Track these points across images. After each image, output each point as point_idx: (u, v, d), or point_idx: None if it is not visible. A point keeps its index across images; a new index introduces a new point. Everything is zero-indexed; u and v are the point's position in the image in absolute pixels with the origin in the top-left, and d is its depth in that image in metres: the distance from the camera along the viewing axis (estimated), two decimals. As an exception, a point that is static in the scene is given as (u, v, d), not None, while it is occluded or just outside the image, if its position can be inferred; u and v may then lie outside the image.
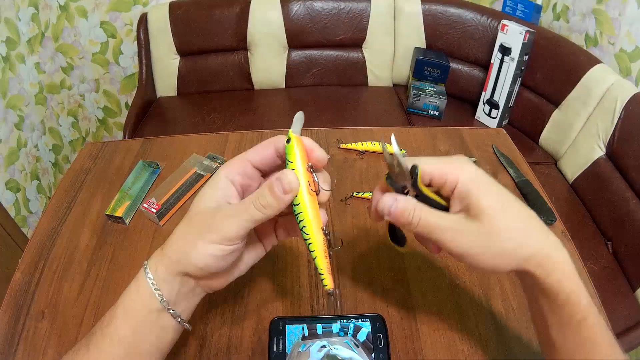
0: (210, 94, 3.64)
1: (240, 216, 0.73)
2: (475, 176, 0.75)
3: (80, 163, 1.53)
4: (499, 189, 0.75)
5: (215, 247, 0.73)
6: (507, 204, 0.74)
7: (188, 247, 0.74)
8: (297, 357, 0.94)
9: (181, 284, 0.77)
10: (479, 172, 0.75)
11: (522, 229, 0.73)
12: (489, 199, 0.73)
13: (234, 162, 0.80)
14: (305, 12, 3.44)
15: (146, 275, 0.75)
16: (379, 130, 1.65)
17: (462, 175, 0.74)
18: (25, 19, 3.35)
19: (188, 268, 0.75)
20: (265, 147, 0.80)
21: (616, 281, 2.29)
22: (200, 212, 0.77)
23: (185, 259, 0.74)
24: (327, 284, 0.76)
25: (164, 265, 0.75)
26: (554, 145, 3.00)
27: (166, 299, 0.75)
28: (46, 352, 1.01)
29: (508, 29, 2.97)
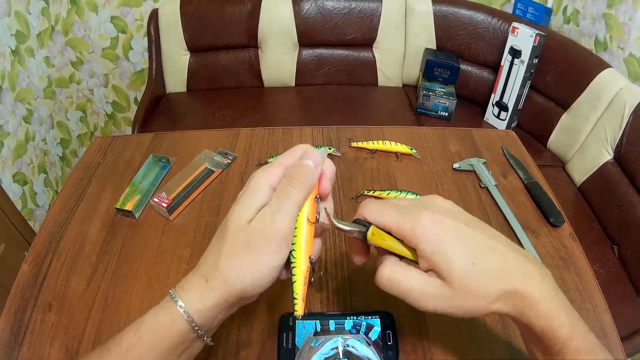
0: (220, 91, 3.64)
1: (286, 205, 0.73)
2: (436, 238, 0.71)
3: (90, 157, 1.53)
4: (464, 239, 0.71)
5: (278, 257, 0.72)
6: (477, 254, 0.71)
7: (247, 270, 0.71)
8: (308, 352, 0.94)
9: (227, 311, 0.76)
10: (440, 228, 0.71)
11: (495, 278, 0.70)
12: (456, 263, 0.70)
13: (272, 169, 0.77)
14: (316, 11, 3.44)
15: (180, 309, 0.71)
16: (391, 130, 1.65)
17: (422, 237, 0.71)
18: (35, 12, 3.35)
19: (249, 292, 0.73)
20: (296, 151, 0.79)
21: (621, 285, 2.29)
22: (244, 228, 0.72)
23: (248, 284, 0.72)
24: (297, 310, 0.76)
25: (214, 298, 0.72)
26: (562, 148, 2.99)
27: (206, 329, 0.73)
28: (53, 345, 1.01)
29: (518, 31, 2.97)
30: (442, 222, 0.72)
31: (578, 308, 1.08)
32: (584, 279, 1.16)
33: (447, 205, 0.77)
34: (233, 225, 0.73)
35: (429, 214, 0.72)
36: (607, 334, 1.05)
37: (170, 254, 1.21)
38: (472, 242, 0.71)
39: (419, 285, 0.72)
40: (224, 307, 0.74)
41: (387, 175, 1.46)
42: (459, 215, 0.75)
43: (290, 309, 1.05)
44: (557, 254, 1.22)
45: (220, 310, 0.73)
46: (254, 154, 1.54)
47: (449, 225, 0.71)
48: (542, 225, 1.31)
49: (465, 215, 0.76)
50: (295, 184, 0.73)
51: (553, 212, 1.32)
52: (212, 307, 0.72)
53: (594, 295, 1.13)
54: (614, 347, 1.03)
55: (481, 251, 0.71)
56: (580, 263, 1.20)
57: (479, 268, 0.69)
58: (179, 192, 1.32)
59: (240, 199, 0.75)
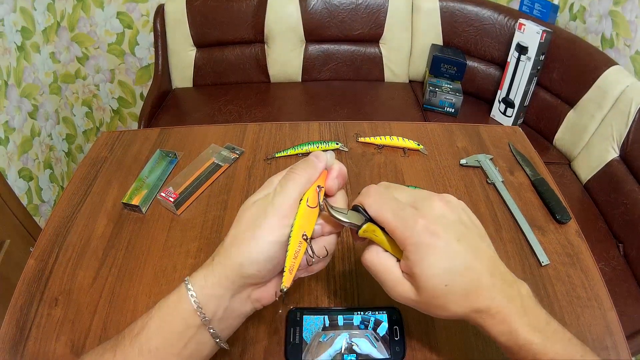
0: (226, 86, 3.65)
1: (286, 188, 0.77)
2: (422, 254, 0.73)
3: (96, 151, 1.53)
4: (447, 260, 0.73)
5: (275, 232, 0.74)
6: (453, 276, 0.73)
7: (246, 244, 0.74)
8: (317, 347, 0.94)
9: (232, 296, 0.76)
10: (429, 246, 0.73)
11: (462, 298, 0.74)
12: (431, 281, 0.73)
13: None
14: (323, 6, 3.44)
15: (188, 291, 0.74)
16: (398, 125, 1.65)
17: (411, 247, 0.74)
18: (40, 8, 3.35)
19: (248, 269, 0.74)
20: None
21: (627, 284, 2.29)
22: (251, 208, 0.78)
23: (246, 258, 0.74)
24: (284, 282, 0.76)
25: (217, 276, 0.75)
26: (568, 145, 2.99)
27: (210, 315, 0.74)
28: (59, 339, 1.02)
29: (525, 28, 2.97)
30: (432, 239, 0.73)
31: (583, 305, 1.08)
32: (590, 276, 1.16)
33: (447, 212, 0.77)
34: (241, 209, 0.79)
35: (424, 225, 0.73)
36: (612, 332, 1.05)
37: (177, 248, 1.21)
38: (454, 262, 0.73)
39: (393, 281, 0.77)
40: (226, 287, 0.75)
41: (394, 170, 1.46)
42: (454, 226, 0.76)
43: (297, 304, 1.06)
44: (563, 250, 1.22)
45: (224, 290, 0.75)
46: (261, 149, 1.54)
47: (438, 245, 0.73)
48: (548, 222, 1.31)
49: (460, 225, 0.77)
50: (296, 171, 0.79)
51: (559, 208, 1.32)
52: (215, 284, 0.74)
53: (600, 293, 1.12)
54: (619, 345, 1.03)
55: (458, 272, 0.73)
56: (586, 260, 1.20)
57: (450, 290, 0.73)
58: (186, 187, 1.33)
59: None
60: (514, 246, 1.23)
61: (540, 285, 1.13)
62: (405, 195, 0.80)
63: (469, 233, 0.77)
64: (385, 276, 0.78)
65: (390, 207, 0.76)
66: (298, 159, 1.48)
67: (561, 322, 0.99)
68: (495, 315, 0.72)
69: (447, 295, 0.73)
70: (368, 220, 0.79)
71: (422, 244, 0.72)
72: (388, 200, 0.78)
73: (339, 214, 0.79)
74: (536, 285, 1.13)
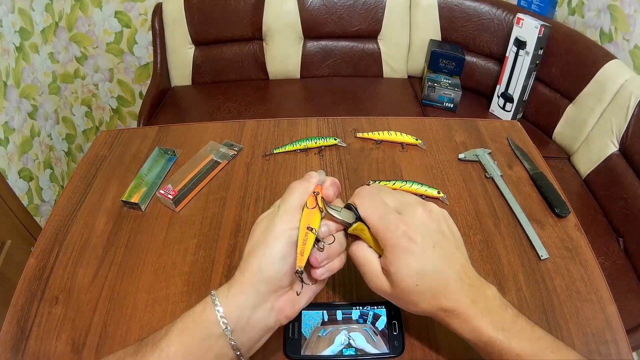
0: (225, 84, 3.65)
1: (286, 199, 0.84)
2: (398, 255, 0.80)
3: (95, 150, 1.54)
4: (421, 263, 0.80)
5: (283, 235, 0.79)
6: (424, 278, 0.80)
7: (261, 250, 0.79)
8: (316, 342, 0.95)
9: (255, 306, 0.78)
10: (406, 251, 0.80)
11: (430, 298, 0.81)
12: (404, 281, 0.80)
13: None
14: (321, 3, 3.43)
15: (212, 302, 0.76)
16: (396, 120, 1.65)
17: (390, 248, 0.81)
18: (39, 8, 3.35)
19: (267, 271, 0.78)
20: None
21: (627, 278, 2.29)
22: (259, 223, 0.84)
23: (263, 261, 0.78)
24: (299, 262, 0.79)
25: (239, 284, 0.78)
26: (567, 140, 2.99)
27: (233, 325, 0.75)
28: (60, 337, 1.02)
29: (523, 22, 2.97)
30: (409, 243, 0.80)
31: (583, 299, 1.08)
32: (589, 270, 1.16)
33: (427, 221, 0.84)
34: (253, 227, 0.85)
35: (404, 231, 0.80)
36: (612, 327, 1.05)
37: (176, 245, 1.21)
38: (426, 265, 0.80)
39: (373, 273, 0.85)
40: (250, 295, 0.77)
41: (392, 165, 1.47)
42: (432, 234, 0.83)
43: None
44: (562, 244, 1.22)
45: (247, 298, 0.77)
46: (259, 145, 1.54)
47: (414, 250, 0.80)
48: (547, 216, 1.31)
49: (438, 233, 0.84)
50: (294, 185, 0.86)
51: (558, 202, 1.32)
52: (237, 293, 0.77)
53: (599, 287, 1.12)
54: (619, 339, 1.03)
55: (428, 275, 0.80)
56: (585, 254, 1.20)
57: (420, 289, 0.80)
58: (185, 184, 1.33)
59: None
60: (513, 240, 1.23)
61: (539, 279, 1.13)
62: (393, 200, 0.87)
63: (445, 241, 0.84)
64: (366, 268, 0.86)
65: (377, 211, 0.84)
66: (296, 155, 1.49)
67: (561, 316, 1.00)
68: (459, 315, 0.80)
69: (417, 294, 0.81)
70: (358, 219, 0.86)
71: (400, 247, 0.80)
72: (377, 203, 0.85)
73: (333, 212, 0.85)
74: (535, 279, 1.13)
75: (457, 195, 1.37)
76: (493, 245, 1.21)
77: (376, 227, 0.82)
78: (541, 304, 1.08)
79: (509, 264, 1.17)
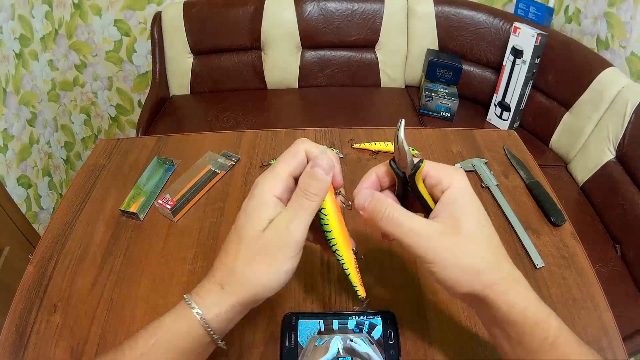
0: (224, 93, 3.65)
1: (301, 215, 0.75)
2: (465, 188, 0.77)
3: (94, 159, 1.54)
4: (481, 211, 0.77)
5: (292, 262, 0.75)
6: (486, 227, 0.76)
7: (262, 275, 0.74)
8: (312, 352, 0.95)
9: (241, 314, 0.78)
10: (470, 188, 0.77)
11: (493, 255, 0.75)
12: (472, 215, 0.75)
13: (275, 179, 0.78)
14: (319, 13, 3.44)
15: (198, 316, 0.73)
16: (392, 131, 1.65)
17: (456, 182, 0.76)
18: (39, 16, 3.37)
19: (264, 295, 0.75)
20: (297, 155, 0.81)
21: (624, 284, 2.29)
22: (259, 237, 0.75)
23: (262, 287, 0.75)
24: (361, 294, 0.81)
25: (230, 304, 0.74)
26: (564, 148, 2.99)
27: (219, 334, 0.75)
28: (58, 345, 1.02)
29: (520, 31, 2.98)
30: (469, 186, 0.77)
31: (579, 307, 1.09)
32: (585, 277, 1.17)
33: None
34: (247, 236, 0.75)
35: (463, 175, 0.78)
36: (608, 333, 1.05)
37: (174, 255, 1.22)
38: (485, 219, 0.76)
39: (425, 228, 0.74)
40: (239, 310, 0.76)
41: (389, 176, 1.47)
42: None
43: (293, 309, 1.07)
44: (558, 253, 1.23)
45: (235, 313, 0.76)
46: (257, 155, 1.55)
47: (475, 195, 0.77)
48: (543, 225, 1.32)
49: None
50: (310, 196, 0.76)
51: (554, 211, 1.33)
52: (228, 311, 0.74)
53: (595, 294, 1.13)
54: (616, 346, 1.04)
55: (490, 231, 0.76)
56: (581, 262, 1.21)
57: (486, 236, 0.75)
58: (183, 194, 1.33)
59: (248, 209, 0.77)
60: (509, 249, 1.22)
61: (535, 288, 1.12)
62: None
63: None
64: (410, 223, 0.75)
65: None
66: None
67: None
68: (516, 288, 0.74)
69: (483, 238, 0.75)
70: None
71: (462, 185, 0.77)
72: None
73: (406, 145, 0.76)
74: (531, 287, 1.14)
75: (453, 205, 1.37)
76: (489, 255, 1.22)
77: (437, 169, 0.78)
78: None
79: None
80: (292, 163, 0.80)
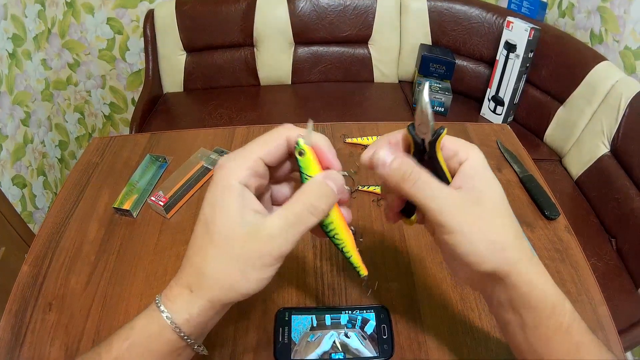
0: (217, 90, 3.65)
1: (298, 229, 0.67)
2: (483, 163, 0.73)
3: (87, 157, 1.54)
4: (500, 186, 0.72)
5: (271, 269, 0.67)
6: (507, 203, 0.72)
7: (236, 280, 0.66)
8: (305, 347, 0.95)
9: (218, 316, 0.72)
10: (487, 163, 0.73)
11: (516, 232, 0.71)
12: (495, 190, 0.72)
13: (242, 163, 0.69)
14: (311, 9, 3.45)
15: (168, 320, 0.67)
16: (385, 126, 1.66)
17: (474, 155, 0.73)
18: (31, 15, 3.35)
19: (236, 298, 0.68)
20: (275, 140, 0.72)
21: (620, 278, 2.29)
22: (235, 240, 0.66)
23: (234, 292, 0.67)
24: (363, 272, 0.78)
25: (201, 307, 0.67)
26: (558, 142, 3.00)
27: (194, 338, 0.70)
28: (53, 344, 1.02)
29: (513, 25, 2.98)
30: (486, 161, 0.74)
31: (574, 300, 1.09)
32: (580, 271, 1.17)
33: None
34: (219, 234, 0.67)
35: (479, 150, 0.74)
36: (604, 327, 1.06)
37: (167, 251, 1.22)
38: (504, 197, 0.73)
39: (452, 195, 0.70)
40: (213, 314, 0.69)
41: (382, 170, 1.47)
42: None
43: (286, 304, 1.07)
44: (552, 246, 1.23)
45: (209, 317, 0.69)
46: (250, 152, 1.54)
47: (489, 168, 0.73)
48: (537, 219, 1.32)
49: None
50: (316, 213, 0.68)
51: (548, 205, 1.33)
52: (200, 314, 0.68)
53: (590, 288, 1.13)
54: (612, 340, 1.04)
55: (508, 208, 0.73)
56: (576, 255, 1.21)
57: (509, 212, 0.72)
58: (176, 191, 1.33)
59: (211, 199, 0.69)
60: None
61: (528, 281, 1.14)
62: None
63: None
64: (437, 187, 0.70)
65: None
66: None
67: None
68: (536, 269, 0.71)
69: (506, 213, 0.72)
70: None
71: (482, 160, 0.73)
72: None
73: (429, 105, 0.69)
74: (524, 280, 1.14)
75: (446, 199, 1.37)
76: (482, 248, 1.22)
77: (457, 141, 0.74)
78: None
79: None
80: (265, 147, 0.71)
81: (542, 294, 0.70)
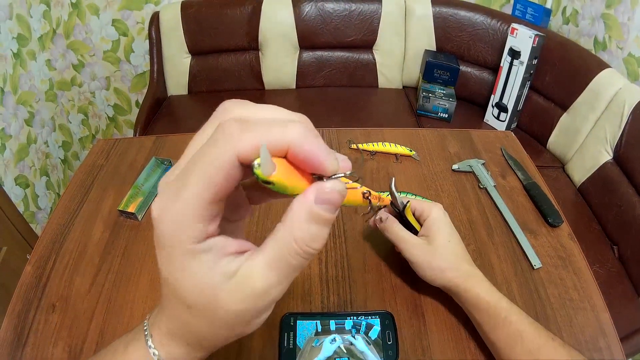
0: (221, 93, 3.63)
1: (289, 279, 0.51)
2: (440, 217, 1.12)
3: (92, 159, 1.54)
4: (451, 230, 1.12)
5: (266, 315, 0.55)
6: (452, 241, 1.09)
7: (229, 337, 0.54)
8: (310, 352, 0.96)
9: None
10: (443, 216, 1.13)
11: (455, 259, 1.07)
12: (443, 234, 1.09)
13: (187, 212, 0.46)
14: (316, 13, 3.44)
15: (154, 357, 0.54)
16: (390, 132, 1.66)
17: (434, 213, 1.12)
18: (36, 15, 3.36)
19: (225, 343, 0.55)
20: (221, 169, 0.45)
21: (621, 285, 2.29)
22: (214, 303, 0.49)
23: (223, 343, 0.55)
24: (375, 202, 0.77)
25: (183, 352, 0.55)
26: (561, 149, 3.00)
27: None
28: (56, 345, 1.03)
29: (518, 32, 2.98)
30: (445, 215, 1.14)
31: (576, 307, 1.10)
32: (583, 278, 1.17)
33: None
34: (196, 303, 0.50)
35: (440, 208, 1.14)
36: (605, 334, 1.06)
37: (172, 255, 1.21)
38: (453, 236, 1.11)
39: (413, 239, 1.09)
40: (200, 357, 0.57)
41: (386, 176, 1.48)
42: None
43: (291, 309, 1.07)
44: (555, 253, 1.24)
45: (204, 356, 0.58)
46: (254, 156, 1.54)
47: (448, 220, 1.13)
48: (540, 226, 1.32)
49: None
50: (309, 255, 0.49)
51: (551, 212, 1.33)
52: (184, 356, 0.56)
53: (593, 295, 1.14)
54: (613, 346, 1.04)
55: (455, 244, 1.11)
56: (578, 263, 1.21)
57: (451, 247, 1.09)
58: (181, 194, 1.33)
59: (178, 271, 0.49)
60: (506, 250, 1.24)
61: (532, 288, 1.14)
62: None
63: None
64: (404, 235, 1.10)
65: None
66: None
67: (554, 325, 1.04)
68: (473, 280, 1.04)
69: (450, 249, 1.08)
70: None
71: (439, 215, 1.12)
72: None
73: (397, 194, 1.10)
74: (528, 288, 1.14)
75: (450, 206, 1.38)
76: (486, 255, 1.23)
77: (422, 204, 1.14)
78: (534, 312, 1.09)
79: (502, 273, 1.18)
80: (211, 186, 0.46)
81: (475, 297, 1.00)
